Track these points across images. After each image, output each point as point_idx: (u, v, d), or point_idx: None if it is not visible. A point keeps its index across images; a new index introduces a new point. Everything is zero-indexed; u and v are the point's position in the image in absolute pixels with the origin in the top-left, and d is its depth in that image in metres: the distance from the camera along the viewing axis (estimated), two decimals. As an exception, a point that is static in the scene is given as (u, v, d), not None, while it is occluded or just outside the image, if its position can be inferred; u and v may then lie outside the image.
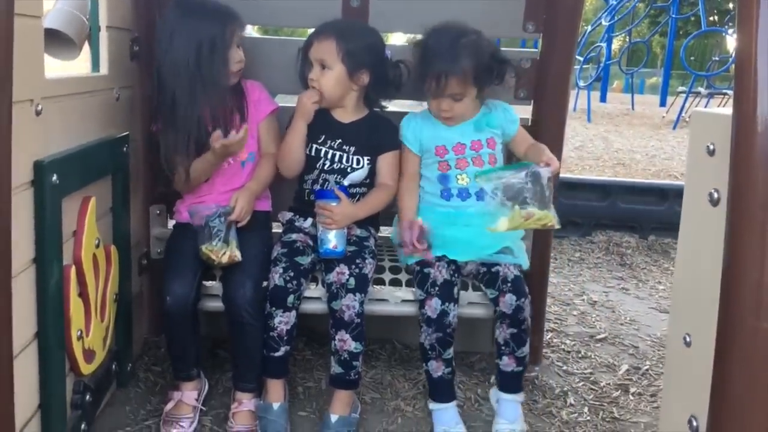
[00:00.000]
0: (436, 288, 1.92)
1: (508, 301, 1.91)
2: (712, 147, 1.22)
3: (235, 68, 2.01)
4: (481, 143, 2.05)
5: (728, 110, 1.20)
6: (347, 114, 2.10)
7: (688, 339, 1.30)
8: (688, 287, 1.33)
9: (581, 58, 13.60)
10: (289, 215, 2.12)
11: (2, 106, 1.22)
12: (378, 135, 2.09)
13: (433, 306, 1.91)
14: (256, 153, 2.11)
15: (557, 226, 1.89)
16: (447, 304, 1.91)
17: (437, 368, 1.95)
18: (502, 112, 2.09)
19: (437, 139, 2.06)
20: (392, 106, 2.25)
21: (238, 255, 1.91)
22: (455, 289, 1.96)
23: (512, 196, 1.85)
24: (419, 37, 2.08)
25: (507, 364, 1.97)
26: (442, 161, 2.06)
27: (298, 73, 2.10)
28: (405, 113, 2.16)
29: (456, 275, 1.98)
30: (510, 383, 1.99)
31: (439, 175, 2.06)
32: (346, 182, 2.04)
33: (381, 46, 2.09)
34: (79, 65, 2.31)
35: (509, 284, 1.93)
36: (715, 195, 1.20)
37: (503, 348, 1.96)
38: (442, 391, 1.98)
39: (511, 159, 2.18)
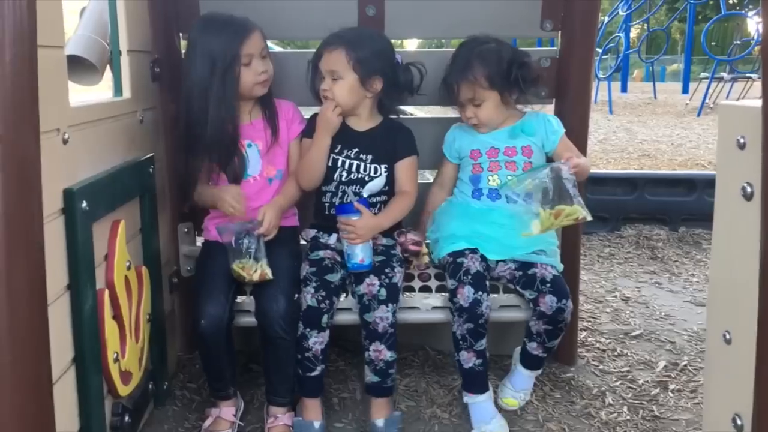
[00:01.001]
0: (469, 276, 1.91)
1: (549, 302, 1.90)
2: (742, 140, 1.20)
3: (260, 79, 2.01)
4: (516, 150, 2.06)
5: (757, 102, 1.18)
6: (362, 122, 2.09)
7: (727, 336, 1.27)
8: (725, 284, 1.30)
9: (600, 49, 13.49)
10: (312, 232, 2.12)
11: (30, 137, 1.25)
12: (394, 142, 2.09)
13: (465, 294, 1.90)
14: (285, 170, 2.12)
15: (589, 218, 1.89)
16: (480, 293, 1.90)
17: (468, 359, 1.94)
18: (542, 123, 2.09)
19: (473, 144, 2.10)
20: (421, 112, 2.26)
21: (269, 273, 1.91)
22: (487, 282, 1.95)
23: (538, 197, 1.87)
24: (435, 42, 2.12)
25: (534, 348, 2.01)
26: (475, 164, 2.09)
27: (309, 85, 2.09)
28: (434, 119, 2.17)
29: (487, 272, 1.98)
30: (531, 362, 2.04)
31: (472, 176, 2.10)
32: (365, 193, 2.03)
33: (390, 51, 2.09)
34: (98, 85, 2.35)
35: (548, 284, 1.92)
36: (749, 189, 1.18)
37: (534, 336, 1.98)
38: (473, 382, 1.97)
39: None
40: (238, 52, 1.95)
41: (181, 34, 2.24)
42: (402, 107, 2.20)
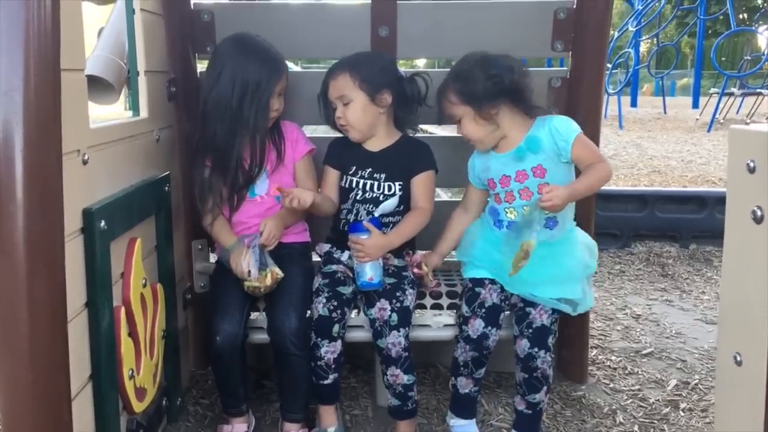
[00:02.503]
0: (483, 310, 1.92)
1: (522, 346, 1.87)
2: (752, 164, 1.21)
3: (269, 115, 2.04)
4: (526, 173, 1.94)
5: (767, 126, 1.20)
6: (378, 142, 2.11)
7: (738, 358, 1.28)
8: (736, 305, 1.31)
9: (609, 64, 13.53)
10: (326, 247, 2.14)
11: (53, 159, 1.28)
12: (409, 158, 2.10)
13: (476, 326, 1.90)
14: None
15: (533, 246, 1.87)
16: (489, 327, 1.90)
17: (466, 385, 1.96)
18: (548, 133, 1.93)
19: (488, 172, 2.02)
20: (440, 131, 2.27)
21: (278, 271, 1.95)
22: (502, 315, 1.94)
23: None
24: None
25: (518, 403, 1.94)
26: (494, 194, 2.02)
27: (323, 117, 2.13)
28: (451, 138, 2.18)
29: (506, 302, 1.97)
30: (521, 422, 1.95)
31: (491, 208, 2.04)
32: (377, 213, 2.04)
33: (393, 65, 2.13)
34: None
35: (530, 331, 1.87)
36: (759, 212, 1.19)
37: (517, 387, 1.94)
38: (465, 406, 1.99)
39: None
40: (273, 89, 2.00)
41: (197, 54, 2.28)
42: (421, 126, 2.21)
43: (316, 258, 2.21)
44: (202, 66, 2.24)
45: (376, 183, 2.08)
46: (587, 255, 1.98)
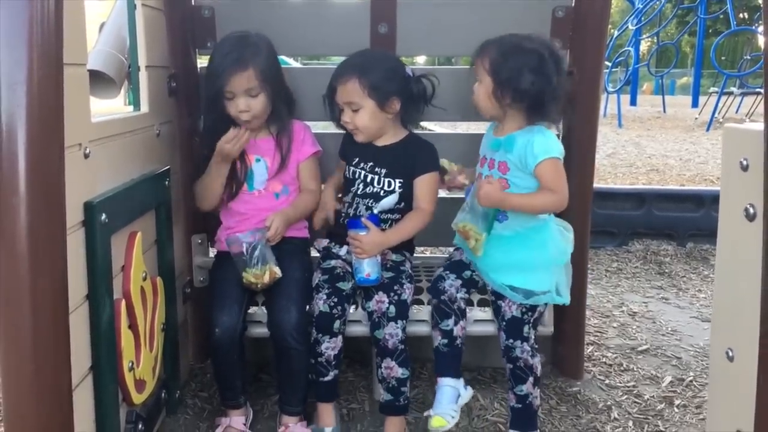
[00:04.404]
0: (448, 262, 2.06)
1: (501, 338, 1.95)
2: (745, 162, 1.23)
3: (240, 117, 2.04)
4: (494, 163, 1.95)
5: (760, 125, 1.21)
6: (385, 139, 2.12)
7: (730, 353, 1.30)
8: (729, 302, 1.33)
9: (609, 63, 13.54)
10: (325, 242, 2.16)
11: (55, 152, 1.29)
12: (413, 157, 2.10)
13: (436, 273, 2.03)
14: (292, 187, 2.17)
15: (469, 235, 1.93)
16: (446, 272, 2.01)
17: (435, 337, 2.00)
18: (524, 143, 1.88)
19: (481, 149, 2.06)
20: (441, 128, 2.28)
21: (277, 271, 1.96)
22: (466, 272, 2.01)
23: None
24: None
25: (510, 399, 1.96)
26: (477, 169, 2.04)
27: (329, 116, 2.15)
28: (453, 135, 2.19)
29: (471, 266, 2.02)
30: (514, 419, 1.96)
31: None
32: (376, 210, 2.06)
33: (400, 67, 2.11)
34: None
35: (504, 323, 1.94)
36: (751, 210, 1.21)
37: (508, 381, 1.97)
38: (438, 361, 2.00)
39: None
40: (222, 87, 2.01)
41: (197, 50, 2.29)
42: (422, 123, 2.23)
43: (314, 254, 2.23)
44: (202, 62, 2.26)
45: (376, 177, 2.09)
46: (554, 252, 1.96)
